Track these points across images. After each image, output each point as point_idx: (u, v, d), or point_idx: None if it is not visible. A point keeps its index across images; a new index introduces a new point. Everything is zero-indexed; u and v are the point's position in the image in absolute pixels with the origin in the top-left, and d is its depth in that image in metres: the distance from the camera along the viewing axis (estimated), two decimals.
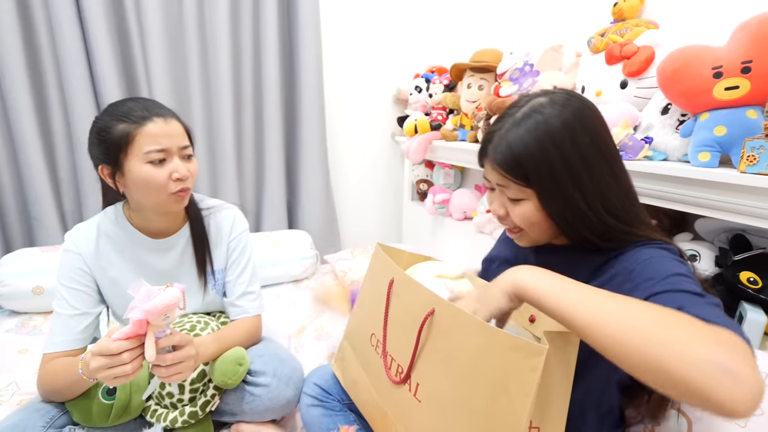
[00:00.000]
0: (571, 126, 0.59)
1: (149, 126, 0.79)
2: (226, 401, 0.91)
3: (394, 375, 0.66)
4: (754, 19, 0.75)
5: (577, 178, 0.59)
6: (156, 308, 0.62)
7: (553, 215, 0.61)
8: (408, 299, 0.66)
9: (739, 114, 0.76)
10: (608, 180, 0.60)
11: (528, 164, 0.59)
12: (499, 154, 0.61)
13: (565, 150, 0.58)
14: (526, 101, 0.63)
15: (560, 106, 0.60)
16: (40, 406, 0.80)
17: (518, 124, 0.60)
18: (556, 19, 1.47)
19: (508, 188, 0.63)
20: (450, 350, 0.57)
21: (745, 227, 0.90)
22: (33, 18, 1.49)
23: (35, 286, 1.40)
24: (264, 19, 1.76)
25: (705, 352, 0.39)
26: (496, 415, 0.51)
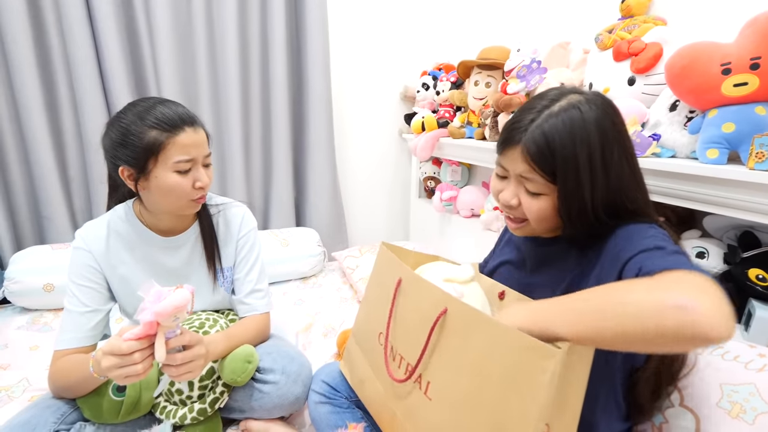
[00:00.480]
0: (604, 129, 0.59)
1: (181, 136, 0.80)
2: (234, 398, 0.92)
3: (403, 373, 0.67)
4: (763, 15, 0.74)
5: (595, 176, 0.59)
6: (166, 310, 0.62)
7: (563, 212, 0.62)
8: (417, 298, 0.66)
9: (747, 110, 0.75)
10: (627, 183, 0.61)
11: (559, 159, 0.59)
12: (532, 144, 0.60)
13: (593, 150, 0.58)
14: (560, 95, 0.62)
15: (596, 107, 0.59)
16: (51, 402, 0.81)
17: (555, 115, 0.59)
18: (563, 15, 1.46)
19: (531, 181, 0.62)
20: (462, 349, 0.57)
21: (754, 224, 0.89)
22: (44, 18, 1.51)
23: (46, 284, 1.42)
24: (272, 17, 1.77)
25: (654, 304, 0.43)
26: (507, 413, 0.51)
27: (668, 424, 0.72)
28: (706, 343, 0.42)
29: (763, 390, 0.65)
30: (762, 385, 0.66)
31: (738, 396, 0.67)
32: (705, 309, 0.41)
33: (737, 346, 0.73)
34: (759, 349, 0.71)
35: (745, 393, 0.66)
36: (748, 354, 0.70)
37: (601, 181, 0.59)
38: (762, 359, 0.69)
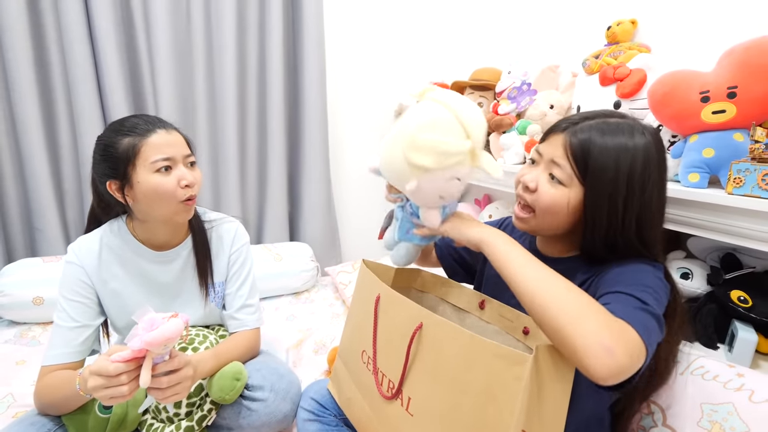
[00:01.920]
0: (649, 155, 0.62)
1: (153, 137, 0.82)
2: (222, 416, 0.91)
3: (386, 391, 0.67)
4: (740, 46, 0.78)
5: (630, 198, 0.62)
6: (156, 340, 0.62)
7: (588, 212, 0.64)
8: (395, 314, 0.67)
9: (726, 137, 0.78)
10: (654, 212, 0.65)
11: (595, 161, 0.62)
12: (577, 138, 0.63)
13: (633, 181, 0.61)
14: (620, 117, 0.66)
15: (647, 140, 0.63)
16: (36, 419, 0.80)
17: (608, 126, 0.63)
18: (553, 40, 1.51)
19: (561, 168, 0.65)
20: (439, 362, 0.58)
21: (736, 246, 0.91)
22: (45, 36, 1.53)
23: (35, 297, 1.41)
24: (269, 33, 1.81)
25: (598, 332, 0.48)
26: (486, 423, 0.52)
27: None
28: (586, 372, 0.48)
29: (741, 409, 0.67)
30: (740, 405, 0.67)
31: (717, 415, 0.68)
32: (622, 360, 0.46)
33: (717, 366, 0.74)
34: (737, 369, 0.72)
35: (723, 412, 0.68)
36: (727, 374, 0.72)
37: (636, 202, 0.62)
38: (740, 379, 0.70)
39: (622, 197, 0.62)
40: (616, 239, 0.64)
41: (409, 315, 0.63)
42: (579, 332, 0.48)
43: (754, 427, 0.65)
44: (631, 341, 0.49)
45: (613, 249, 0.65)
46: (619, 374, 0.47)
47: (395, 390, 0.64)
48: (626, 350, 0.47)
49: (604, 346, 0.46)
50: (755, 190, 0.71)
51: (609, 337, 0.47)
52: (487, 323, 0.76)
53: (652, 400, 0.77)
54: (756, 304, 0.82)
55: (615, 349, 0.46)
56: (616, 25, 1.17)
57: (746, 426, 0.65)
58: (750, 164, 0.71)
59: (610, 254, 0.65)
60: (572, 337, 0.48)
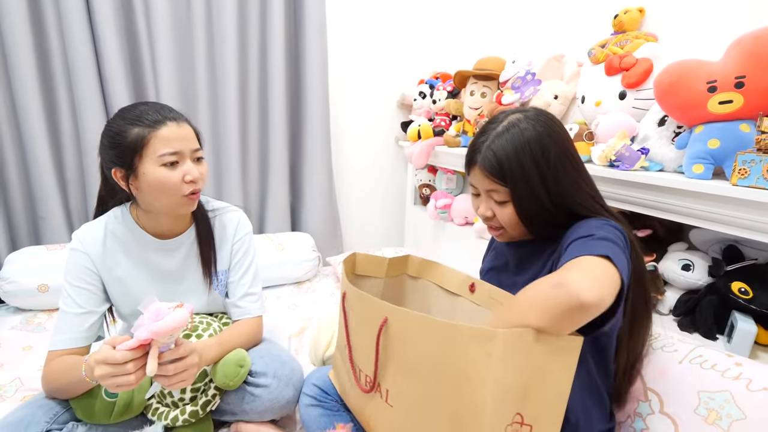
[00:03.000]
0: (543, 140, 0.68)
1: (163, 129, 0.81)
2: (226, 401, 0.92)
3: (364, 384, 0.69)
4: (749, 36, 0.77)
5: (544, 179, 0.68)
6: (162, 329, 0.62)
7: (520, 214, 0.71)
8: (361, 311, 0.68)
9: (732, 128, 0.78)
10: (575, 181, 0.71)
11: (507, 169, 0.69)
12: (486, 161, 0.71)
13: (536, 156, 0.68)
14: (504, 117, 0.73)
15: (533, 121, 0.70)
16: (44, 402, 0.82)
17: (500, 135, 0.70)
18: (558, 29, 1.49)
19: (497, 192, 0.72)
20: (411, 353, 0.59)
21: (738, 238, 0.91)
22: (44, 21, 1.52)
23: (40, 284, 1.43)
24: (271, 23, 1.79)
25: (541, 290, 0.53)
26: (463, 403, 0.53)
27: (649, 430, 0.74)
28: (584, 309, 0.50)
29: (738, 397, 0.67)
30: (737, 393, 0.68)
31: (714, 403, 0.69)
32: (573, 280, 0.50)
33: (715, 355, 0.75)
34: (736, 358, 0.73)
35: (720, 400, 0.68)
36: (725, 363, 0.72)
37: (548, 182, 0.68)
38: (738, 368, 0.71)
39: (536, 177, 0.68)
40: (554, 215, 0.70)
41: (374, 311, 0.64)
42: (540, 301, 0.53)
43: (750, 415, 0.65)
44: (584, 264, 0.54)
45: (558, 224, 0.70)
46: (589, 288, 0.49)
47: (372, 384, 0.66)
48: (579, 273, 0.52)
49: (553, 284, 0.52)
50: (760, 181, 0.70)
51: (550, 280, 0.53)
52: (478, 306, 0.77)
53: (649, 388, 0.78)
54: (757, 296, 0.83)
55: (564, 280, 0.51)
56: (623, 14, 1.15)
57: (743, 413, 0.66)
58: (756, 155, 0.71)
59: (553, 229, 0.71)
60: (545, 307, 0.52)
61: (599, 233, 0.61)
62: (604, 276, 0.52)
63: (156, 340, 0.65)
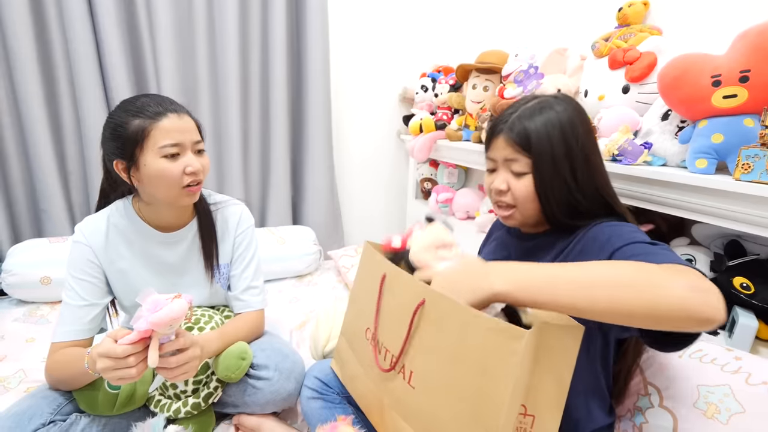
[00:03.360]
0: (574, 122, 0.69)
1: (164, 121, 0.81)
2: (228, 393, 0.93)
3: (384, 363, 0.69)
4: (754, 29, 0.76)
5: (571, 157, 0.68)
6: (162, 320, 0.63)
7: (541, 189, 0.70)
8: (399, 292, 0.69)
9: (736, 122, 0.77)
10: (599, 168, 0.72)
11: (534, 137, 0.68)
12: (514, 131, 0.70)
13: (568, 138, 0.68)
14: (536, 97, 0.73)
15: (566, 105, 0.71)
16: (48, 393, 0.83)
17: (533, 111, 0.70)
18: (561, 22, 1.48)
19: (517, 162, 0.71)
20: (440, 337, 0.60)
21: (740, 233, 0.91)
22: (45, 14, 1.51)
23: (43, 277, 1.43)
24: (272, 16, 1.78)
25: (678, 285, 0.47)
26: (482, 396, 0.53)
27: (648, 424, 0.74)
28: (703, 322, 0.46)
29: (737, 391, 0.68)
30: (736, 387, 0.68)
31: (713, 397, 0.69)
32: (714, 295, 0.46)
33: (715, 349, 0.75)
34: (735, 353, 0.73)
35: (720, 394, 0.69)
36: (724, 357, 0.73)
37: (575, 162, 0.68)
38: (738, 362, 0.71)
39: (563, 153, 0.68)
40: (576, 198, 0.69)
41: (413, 291, 0.65)
42: (669, 296, 0.46)
43: (749, 409, 0.66)
44: (695, 273, 0.49)
45: (577, 211, 0.70)
46: (721, 302, 0.46)
47: (395, 362, 0.66)
48: (703, 280, 0.48)
49: (695, 289, 0.46)
50: (764, 176, 0.70)
51: (687, 279, 0.47)
52: None
53: (649, 382, 0.78)
54: (758, 291, 0.83)
55: (700, 284, 0.46)
56: (627, 7, 1.14)
57: (742, 407, 0.66)
58: (759, 150, 0.70)
59: (575, 218, 0.70)
60: (668, 305, 0.46)
61: (660, 244, 0.58)
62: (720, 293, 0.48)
63: (156, 332, 0.65)
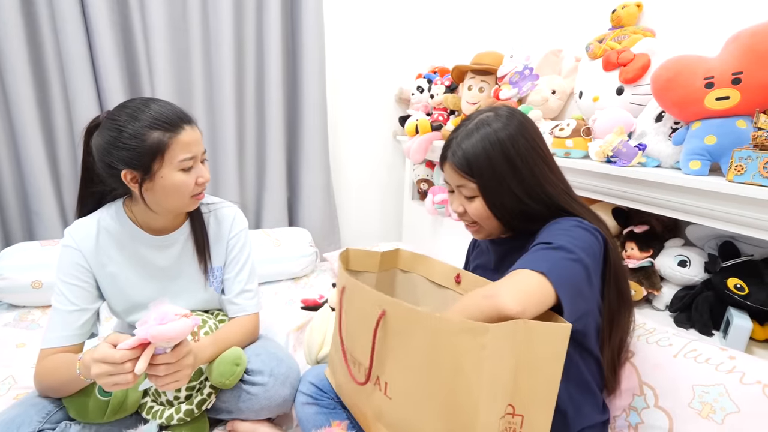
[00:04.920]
0: (513, 136, 0.72)
1: (182, 135, 0.81)
2: (222, 399, 0.92)
3: (362, 378, 0.69)
4: (746, 32, 0.76)
5: (515, 172, 0.71)
6: (162, 335, 0.63)
7: (492, 207, 0.74)
8: (360, 304, 0.69)
9: (729, 124, 0.77)
10: (547, 176, 0.74)
11: (474, 162, 0.72)
12: (456, 157, 0.74)
13: (508, 153, 0.71)
14: (476, 116, 0.76)
15: (504, 119, 0.73)
16: (37, 401, 0.81)
17: (470, 133, 0.74)
18: (556, 23, 1.48)
19: (465, 187, 0.75)
20: (408, 346, 0.60)
21: (734, 235, 0.91)
22: (37, 15, 1.50)
23: (34, 280, 1.42)
24: (267, 16, 1.77)
25: (474, 300, 0.59)
26: (458, 397, 0.54)
27: (644, 424, 0.74)
28: (506, 316, 0.54)
29: (731, 391, 0.68)
30: (731, 386, 0.68)
31: (708, 396, 0.69)
32: (502, 293, 0.56)
33: (709, 349, 0.75)
34: (729, 352, 0.73)
35: (715, 394, 0.69)
36: (719, 356, 0.73)
37: (519, 175, 0.71)
38: (732, 361, 0.71)
39: (506, 170, 0.71)
40: (528, 207, 0.72)
41: (372, 303, 0.64)
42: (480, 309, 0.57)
43: (744, 408, 0.66)
44: (518, 278, 0.59)
45: (530, 219, 0.73)
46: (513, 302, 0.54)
47: (367, 376, 0.66)
48: (508, 287, 0.58)
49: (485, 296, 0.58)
50: (756, 177, 0.70)
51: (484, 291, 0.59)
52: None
53: (644, 382, 0.78)
54: (752, 292, 0.83)
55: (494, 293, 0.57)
56: (621, 9, 1.15)
57: (736, 407, 0.66)
58: (752, 152, 0.70)
59: (530, 224, 0.73)
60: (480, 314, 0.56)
61: (559, 240, 0.64)
62: (533, 291, 0.57)
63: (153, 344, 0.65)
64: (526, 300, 0.55)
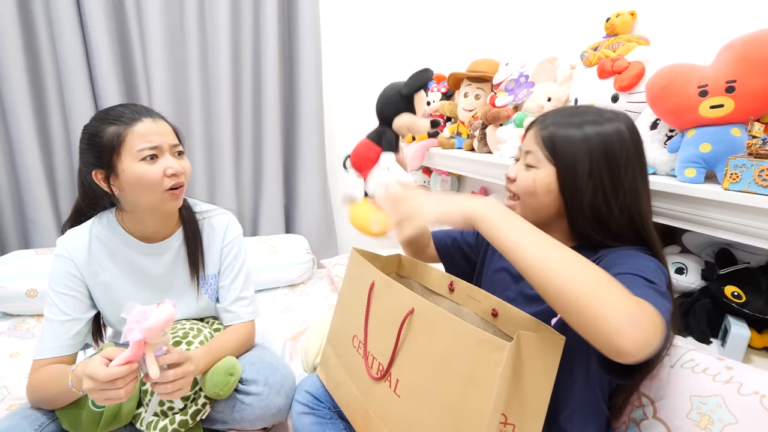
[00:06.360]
0: (623, 138, 0.67)
1: (139, 125, 0.81)
2: (217, 409, 0.91)
3: (375, 373, 0.69)
4: (740, 40, 0.76)
5: (612, 176, 0.66)
6: (155, 325, 0.62)
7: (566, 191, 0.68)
8: (388, 300, 0.69)
9: (723, 132, 0.77)
10: (641, 195, 0.69)
11: (562, 141, 0.67)
12: (546, 127, 0.70)
13: (611, 152, 0.65)
14: (588, 108, 0.72)
15: (620, 121, 0.68)
16: (30, 412, 0.80)
17: (575, 112, 0.71)
18: (551, 31, 1.49)
19: (532, 153, 0.71)
20: (426, 346, 0.60)
21: (730, 242, 0.91)
22: (34, 22, 1.50)
23: (29, 289, 1.41)
24: (264, 23, 1.78)
25: (623, 303, 0.46)
26: (466, 406, 0.54)
27: None
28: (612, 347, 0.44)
29: (729, 401, 0.67)
30: (729, 397, 0.67)
31: (706, 407, 0.68)
32: (645, 339, 0.44)
33: (706, 359, 0.74)
34: (726, 362, 0.73)
35: (712, 404, 0.68)
36: (716, 366, 0.72)
37: (614, 177, 0.65)
38: (729, 371, 0.70)
39: (603, 175, 0.65)
40: (607, 220, 0.67)
41: (402, 300, 0.65)
42: (601, 303, 0.45)
43: (741, 419, 0.65)
44: (652, 315, 0.47)
45: (608, 231, 0.67)
46: (645, 348, 0.44)
47: (384, 372, 0.66)
48: (651, 323, 0.45)
49: (629, 316, 0.44)
50: (751, 185, 0.70)
51: (633, 307, 0.45)
52: (458, 305, 0.78)
53: (643, 393, 0.77)
54: (749, 300, 0.83)
55: (641, 320, 0.44)
56: (615, 17, 1.15)
57: (734, 418, 0.66)
58: (747, 160, 0.70)
59: (605, 237, 0.68)
60: (593, 308, 0.45)
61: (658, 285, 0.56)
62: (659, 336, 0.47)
63: (149, 345, 0.65)
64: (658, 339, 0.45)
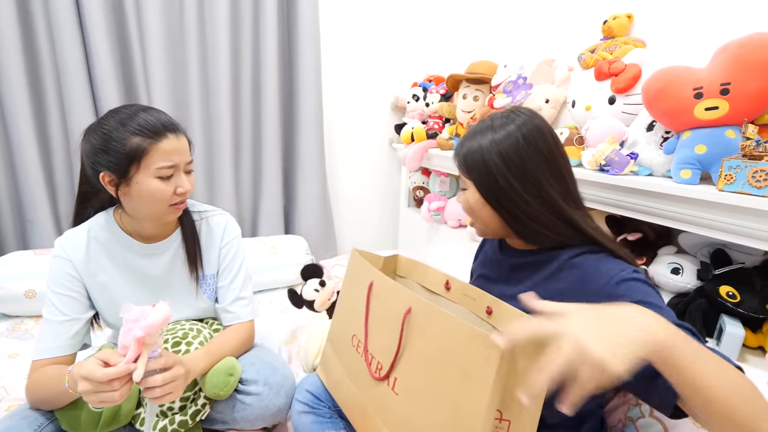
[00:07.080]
0: (517, 139, 0.68)
1: (164, 142, 0.81)
2: (216, 409, 0.91)
3: (375, 372, 0.70)
4: (734, 43, 0.77)
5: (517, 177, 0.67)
6: (155, 323, 0.63)
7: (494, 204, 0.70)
8: (387, 300, 0.70)
9: (718, 133, 0.79)
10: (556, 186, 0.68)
11: (470, 161, 0.71)
12: (459, 154, 0.74)
13: (508, 158, 0.68)
14: (494, 118, 0.73)
15: (518, 123, 0.69)
16: (28, 413, 0.80)
17: (476, 129, 0.73)
18: (549, 34, 1.50)
19: (461, 176, 0.76)
20: (424, 344, 0.61)
21: (725, 242, 0.92)
22: (33, 23, 1.50)
23: (27, 290, 1.40)
24: (264, 25, 1.78)
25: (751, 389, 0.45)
26: (463, 403, 0.54)
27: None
28: None
29: None
30: None
31: None
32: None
33: None
34: None
35: None
36: None
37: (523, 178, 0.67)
38: None
39: (509, 176, 0.67)
40: (537, 216, 0.68)
41: (399, 299, 0.65)
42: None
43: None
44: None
45: (548, 228, 0.68)
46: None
47: (386, 372, 0.67)
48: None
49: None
50: (745, 187, 0.71)
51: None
52: (454, 303, 0.79)
53: None
54: (744, 300, 0.84)
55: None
56: (612, 20, 1.16)
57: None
58: (741, 161, 0.71)
59: (549, 234, 0.68)
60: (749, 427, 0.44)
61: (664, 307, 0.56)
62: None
63: (147, 345, 0.65)
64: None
